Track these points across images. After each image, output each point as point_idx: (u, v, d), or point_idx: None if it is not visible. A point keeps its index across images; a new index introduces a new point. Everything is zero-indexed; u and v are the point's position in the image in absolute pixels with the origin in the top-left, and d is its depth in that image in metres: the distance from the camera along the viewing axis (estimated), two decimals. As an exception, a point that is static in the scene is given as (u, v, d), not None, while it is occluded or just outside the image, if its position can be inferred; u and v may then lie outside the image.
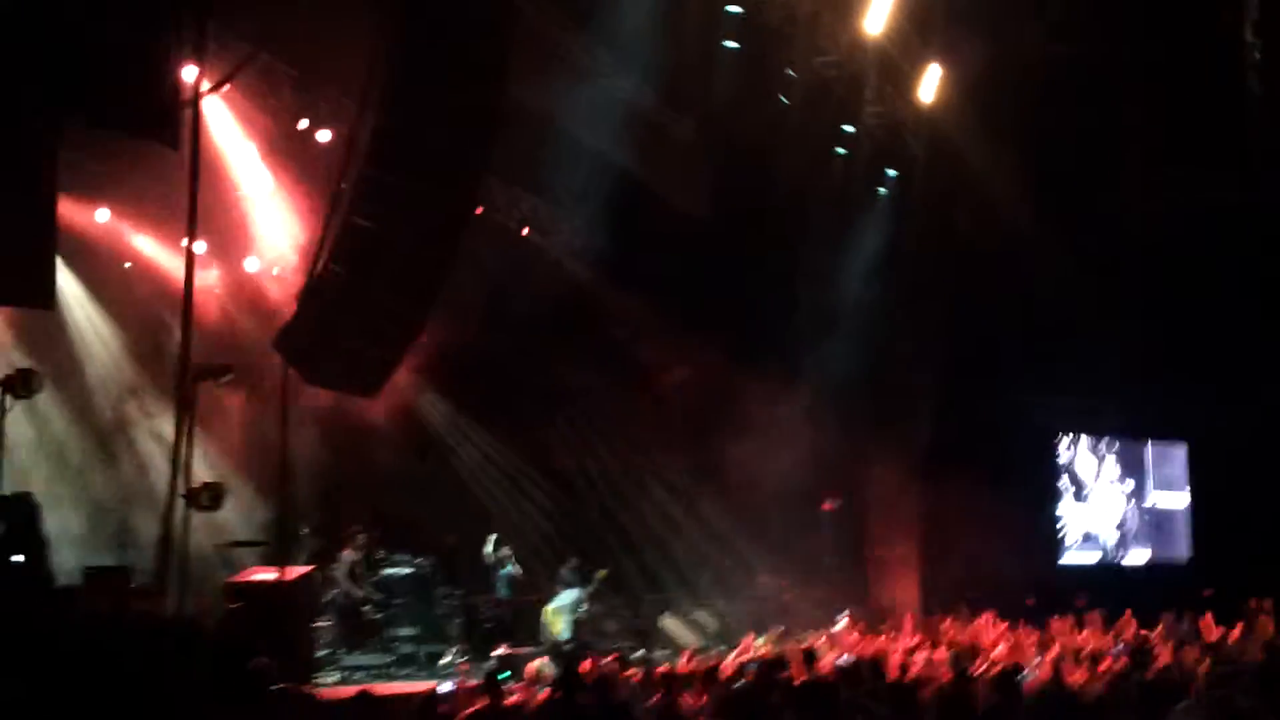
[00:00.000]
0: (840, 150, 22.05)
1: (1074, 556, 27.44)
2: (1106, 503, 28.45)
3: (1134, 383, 25.43)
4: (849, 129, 21.79)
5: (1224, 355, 24.49)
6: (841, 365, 22.67)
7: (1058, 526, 27.59)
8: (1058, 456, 27.80)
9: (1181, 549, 28.74)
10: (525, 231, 21.60)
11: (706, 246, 21.49)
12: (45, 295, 13.49)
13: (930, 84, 20.91)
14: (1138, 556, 28.34)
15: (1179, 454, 29.16)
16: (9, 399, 14.17)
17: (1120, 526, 28.47)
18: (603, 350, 21.79)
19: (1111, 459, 28.64)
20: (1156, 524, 28.89)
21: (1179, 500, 29.06)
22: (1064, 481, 27.85)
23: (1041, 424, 26.82)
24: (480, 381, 20.79)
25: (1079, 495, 28.04)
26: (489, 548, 19.55)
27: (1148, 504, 28.92)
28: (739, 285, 21.89)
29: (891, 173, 22.99)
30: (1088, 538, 27.91)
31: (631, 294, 21.74)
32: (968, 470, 23.42)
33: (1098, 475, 28.43)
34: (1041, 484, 27.36)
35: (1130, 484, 28.81)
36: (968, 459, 23.56)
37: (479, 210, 18.92)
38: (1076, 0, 20.32)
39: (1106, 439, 28.52)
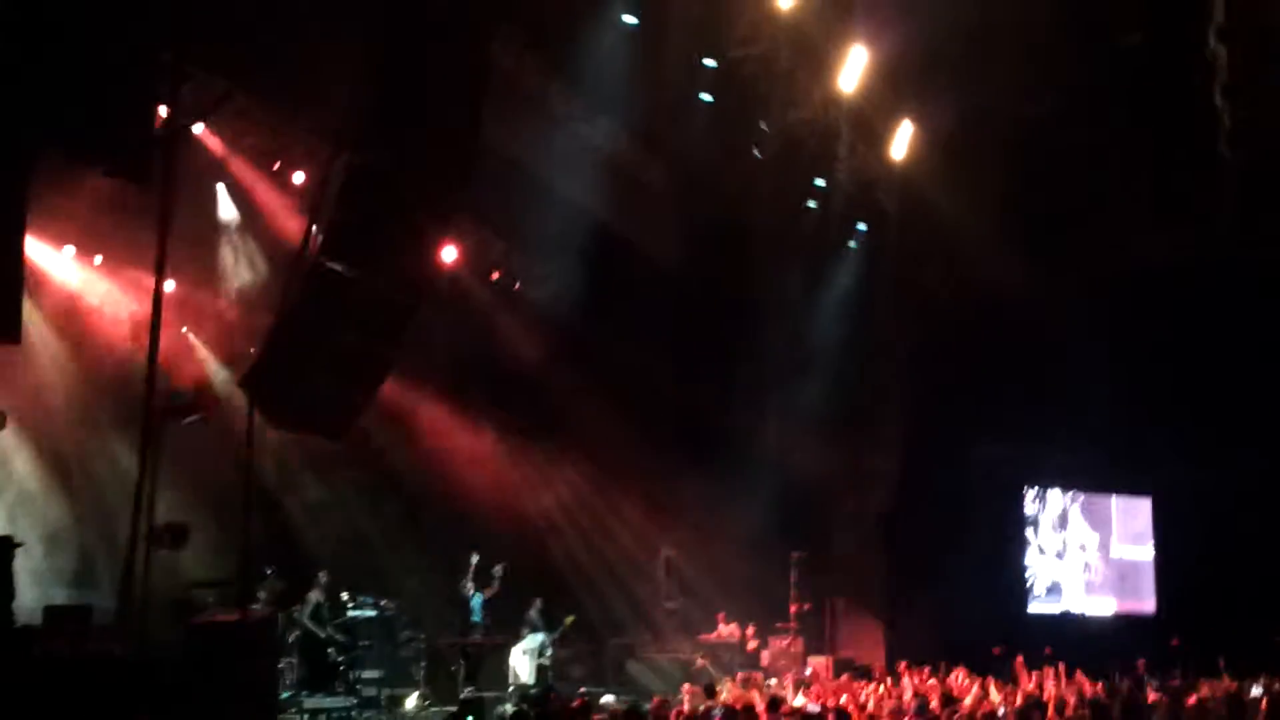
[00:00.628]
0: (811, 203, 22.23)
1: (1040, 607, 27.49)
2: (1071, 554, 28.53)
3: (1100, 436, 25.54)
4: (820, 183, 21.97)
5: (1190, 410, 24.65)
6: (810, 414, 22.77)
7: (1025, 577, 27.65)
8: (1024, 508, 27.90)
9: (1147, 601, 28.82)
10: (496, 276, 21.66)
11: (677, 293, 21.57)
12: (11, 329, 13.43)
13: (902, 140, 21.10)
14: (1104, 607, 28.39)
15: (1144, 507, 29.29)
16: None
17: (1085, 578, 28.54)
18: (569, 394, 21.78)
19: (1077, 510, 28.74)
20: (1121, 575, 28.97)
21: (1144, 553, 29.16)
22: (1030, 533, 27.93)
23: (1008, 476, 26.91)
24: (442, 426, 20.75)
25: (1044, 547, 28.12)
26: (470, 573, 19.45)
27: (1113, 556, 29.00)
28: (709, 333, 21.95)
29: (862, 226, 23.15)
30: (1053, 589, 27.97)
31: (602, 339, 21.78)
32: (934, 521, 23.54)
33: (1063, 527, 28.51)
34: (1008, 535, 27.44)
35: (1095, 536, 28.90)
36: (934, 510, 23.66)
37: (452, 255, 19.03)
38: (1047, 62, 20.47)
39: (1073, 492, 28.64)
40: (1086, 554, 28.74)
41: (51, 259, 16.85)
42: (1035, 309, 23.04)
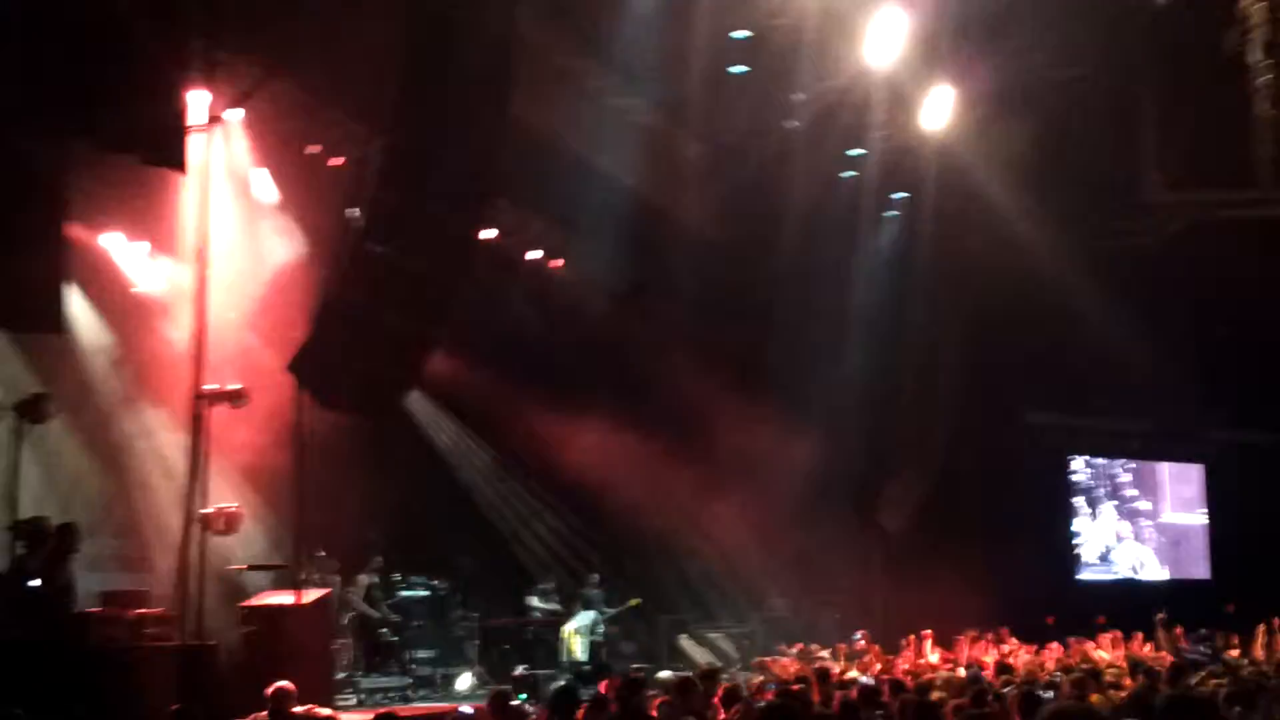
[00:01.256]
0: (849, 173, 22.12)
1: (1091, 574, 27.38)
2: (1123, 522, 28.38)
3: (1149, 403, 25.38)
4: (857, 152, 21.85)
5: (1239, 374, 24.45)
6: (856, 386, 22.69)
7: (1075, 545, 27.52)
8: (1073, 476, 27.76)
9: (1200, 568, 28.65)
10: (538, 254, 21.64)
11: (718, 268, 21.50)
12: (54, 320, 13.52)
13: (938, 107, 20.95)
14: (1156, 574, 28.25)
15: (1194, 473, 29.10)
16: (24, 424, 14.19)
17: (1137, 545, 28.38)
18: (615, 370, 21.77)
19: (1127, 478, 28.59)
20: (1174, 542, 28.81)
21: (1196, 519, 28.97)
22: (1080, 501, 27.79)
23: (1056, 444, 26.81)
24: (490, 402, 20.74)
25: (1094, 515, 27.99)
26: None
27: (1164, 523, 28.84)
28: (749, 306, 21.87)
29: (900, 195, 23.02)
30: (1104, 556, 27.85)
31: (644, 315, 21.75)
32: (984, 490, 23.43)
33: (1113, 495, 28.36)
34: (1057, 504, 27.34)
35: (1146, 504, 28.74)
36: (984, 479, 23.56)
37: (491, 233, 18.99)
38: (1082, 25, 20.29)
39: (1122, 459, 28.48)
40: (1138, 522, 28.58)
41: (94, 247, 16.88)
42: (1079, 274, 22.85)
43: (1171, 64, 21.65)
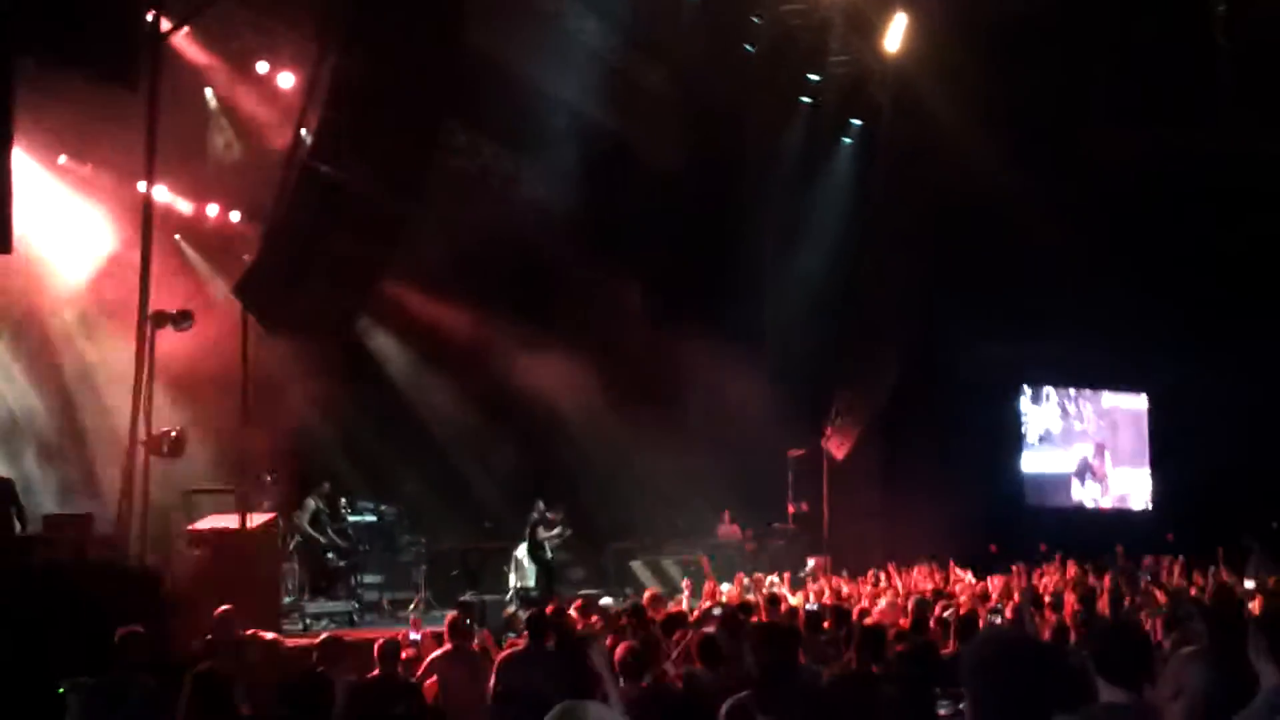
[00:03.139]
0: (806, 99, 22.02)
1: (1037, 503, 27.68)
2: (1068, 452, 28.67)
3: (1097, 334, 25.52)
4: (814, 78, 21.75)
5: (1187, 308, 24.60)
6: (806, 313, 22.72)
7: (1021, 475, 27.80)
8: (1021, 406, 27.99)
9: (1143, 497, 29.02)
10: (489, 180, 21.44)
11: (677, 197, 21.42)
12: (2, 240, 13.31)
13: (896, 33, 20.84)
14: (1100, 503, 28.60)
15: (1140, 403, 29.39)
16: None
17: (1081, 475, 28.69)
18: (567, 298, 21.70)
19: (1073, 408, 28.85)
20: (1117, 471, 29.13)
21: (1140, 450, 29.30)
22: (1026, 431, 28.05)
23: (1005, 374, 26.95)
24: (442, 328, 20.66)
25: (1040, 445, 28.27)
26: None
27: (1109, 453, 29.13)
28: (707, 231, 21.80)
29: (856, 122, 22.96)
30: (1049, 485, 28.14)
31: (598, 242, 21.67)
32: (931, 419, 23.58)
33: (1060, 425, 28.64)
34: (1004, 433, 27.56)
35: (1093, 434, 29.02)
36: (932, 408, 23.70)
37: (444, 157, 18.80)
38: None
39: (1069, 389, 28.72)
40: (1083, 451, 28.88)
41: (41, 169, 16.64)
42: (1030, 205, 22.85)
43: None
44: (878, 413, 23.74)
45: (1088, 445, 28.90)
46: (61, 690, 8.19)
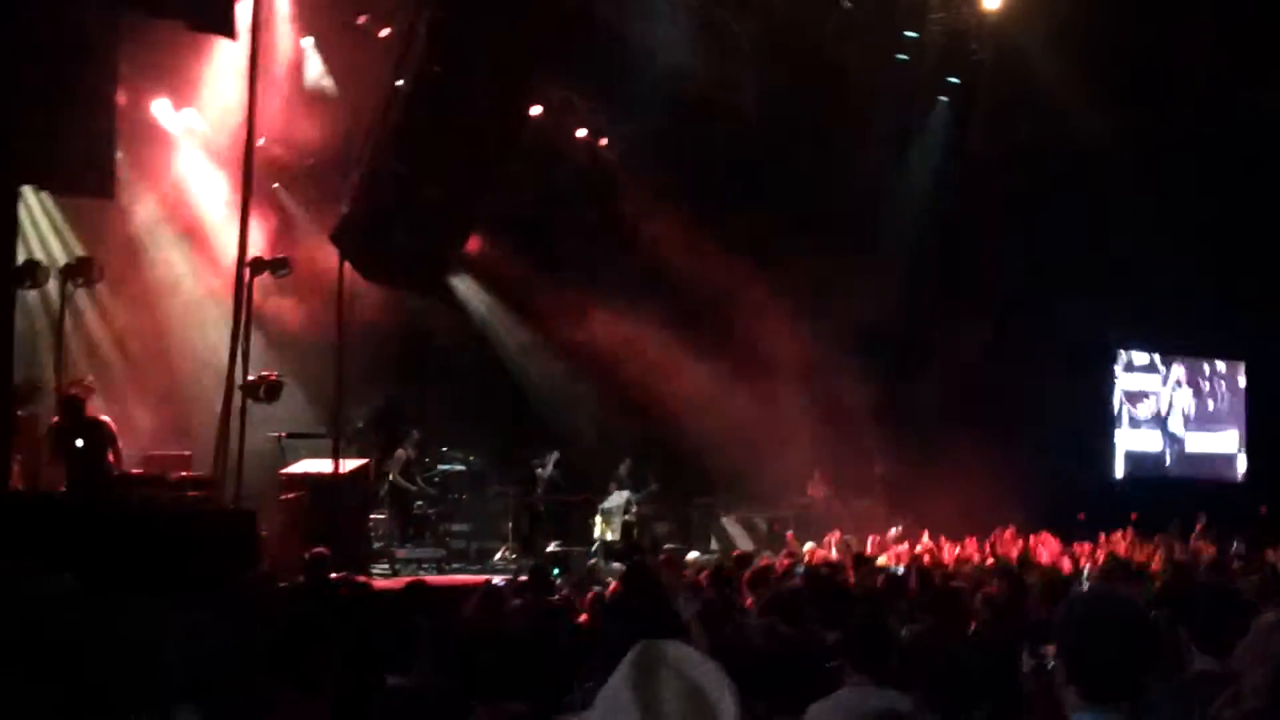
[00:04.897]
0: (902, 56, 21.78)
1: (1128, 472, 27.35)
2: (1162, 417, 28.27)
3: (1196, 299, 25.09)
4: (912, 34, 21.50)
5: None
6: (899, 272, 22.56)
7: (1113, 442, 27.47)
8: (1115, 369, 27.63)
9: (1238, 468, 28.59)
10: (580, 134, 21.46)
11: (766, 155, 21.31)
12: (105, 185, 13.57)
13: (996, -12, 20.55)
14: (1194, 472, 28.20)
15: (1238, 371, 28.91)
16: (70, 287, 14.33)
17: (1175, 443, 28.32)
18: (656, 255, 21.70)
19: (1170, 374, 28.44)
20: (1212, 441, 28.71)
21: (1236, 419, 28.84)
22: (1120, 396, 27.69)
23: (1101, 337, 26.59)
24: (530, 281, 20.76)
25: (1134, 411, 27.90)
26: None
27: (1204, 421, 28.71)
28: (797, 190, 21.66)
29: (954, 80, 22.67)
30: (1142, 454, 27.79)
31: (687, 198, 21.64)
32: (1024, 382, 23.32)
33: (1155, 391, 28.25)
34: (1098, 397, 27.22)
35: (1188, 401, 28.60)
36: (1025, 371, 23.44)
37: (534, 110, 18.84)
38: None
39: (1166, 355, 28.31)
40: (1177, 418, 28.47)
41: (143, 113, 16.90)
42: (1128, 165, 22.49)
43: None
44: (969, 374, 23.52)
45: (1181, 411, 28.48)
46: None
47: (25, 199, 14.53)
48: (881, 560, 15.34)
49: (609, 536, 19.23)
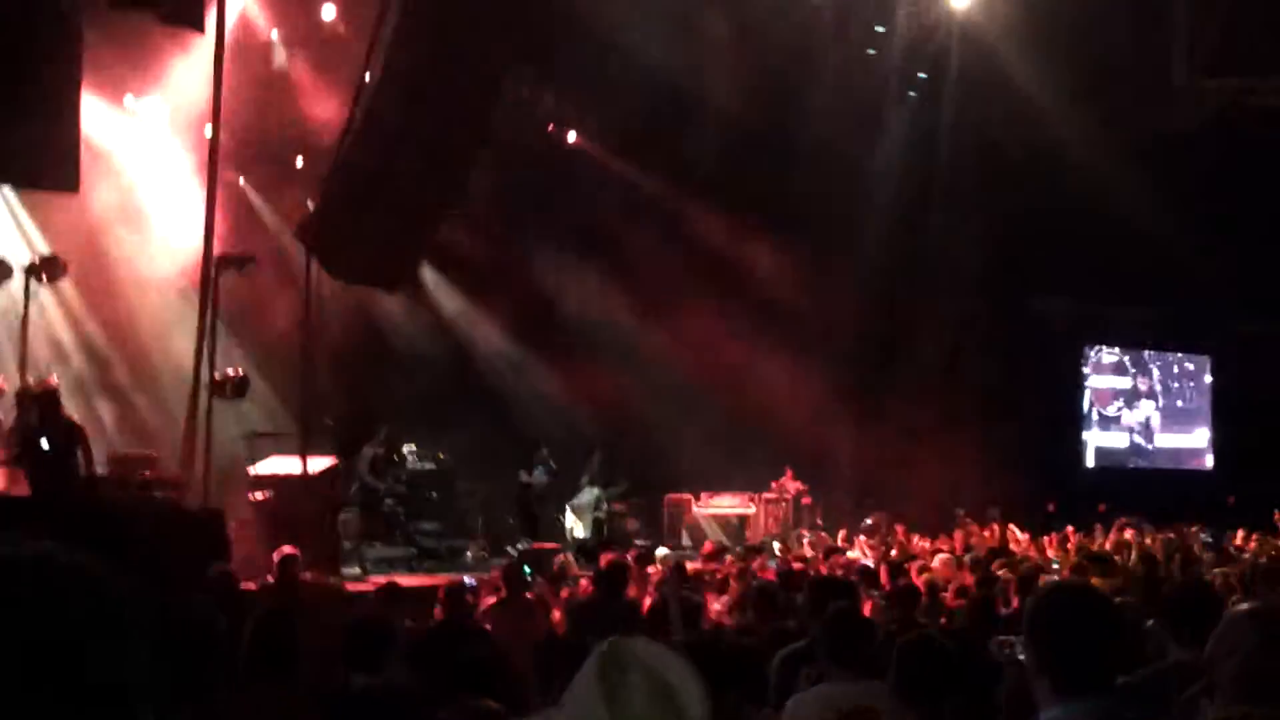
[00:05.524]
0: (871, 50, 21.82)
1: (1096, 463, 27.50)
2: (1129, 412, 28.43)
3: (1160, 294, 25.25)
4: (880, 29, 21.54)
5: (1252, 267, 24.25)
6: (868, 266, 22.62)
7: (1081, 434, 27.61)
8: (1082, 364, 27.76)
9: (1204, 459, 28.78)
10: (550, 127, 21.44)
11: (739, 143, 21.32)
12: (69, 179, 13.45)
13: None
14: (1160, 463, 28.38)
15: (1203, 365, 29.11)
16: (34, 284, 14.19)
17: (1142, 435, 28.48)
18: (626, 248, 21.69)
19: (1135, 367, 28.60)
20: (1178, 433, 28.90)
21: (1201, 411, 29.03)
22: (1087, 389, 27.83)
23: (1067, 331, 26.73)
24: (499, 274, 20.74)
25: (1101, 404, 28.04)
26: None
27: (1171, 414, 28.89)
28: (767, 183, 21.67)
29: (922, 75, 22.73)
30: (1110, 446, 27.95)
31: (660, 193, 21.65)
32: (991, 376, 23.41)
33: (1121, 385, 28.40)
34: (1067, 392, 27.37)
35: (1153, 393, 28.77)
36: (991, 365, 23.54)
37: (506, 104, 18.78)
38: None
39: (1131, 349, 28.47)
40: (1143, 411, 28.64)
41: (109, 109, 16.79)
42: (1097, 161, 22.57)
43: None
44: (939, 369, 23.60)
45: (1149, 404, 28.65)
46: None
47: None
48: (852, 554, 15.35)
49: (580, 533, 19.19)
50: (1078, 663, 3.54)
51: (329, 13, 17.46)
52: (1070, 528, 18.40)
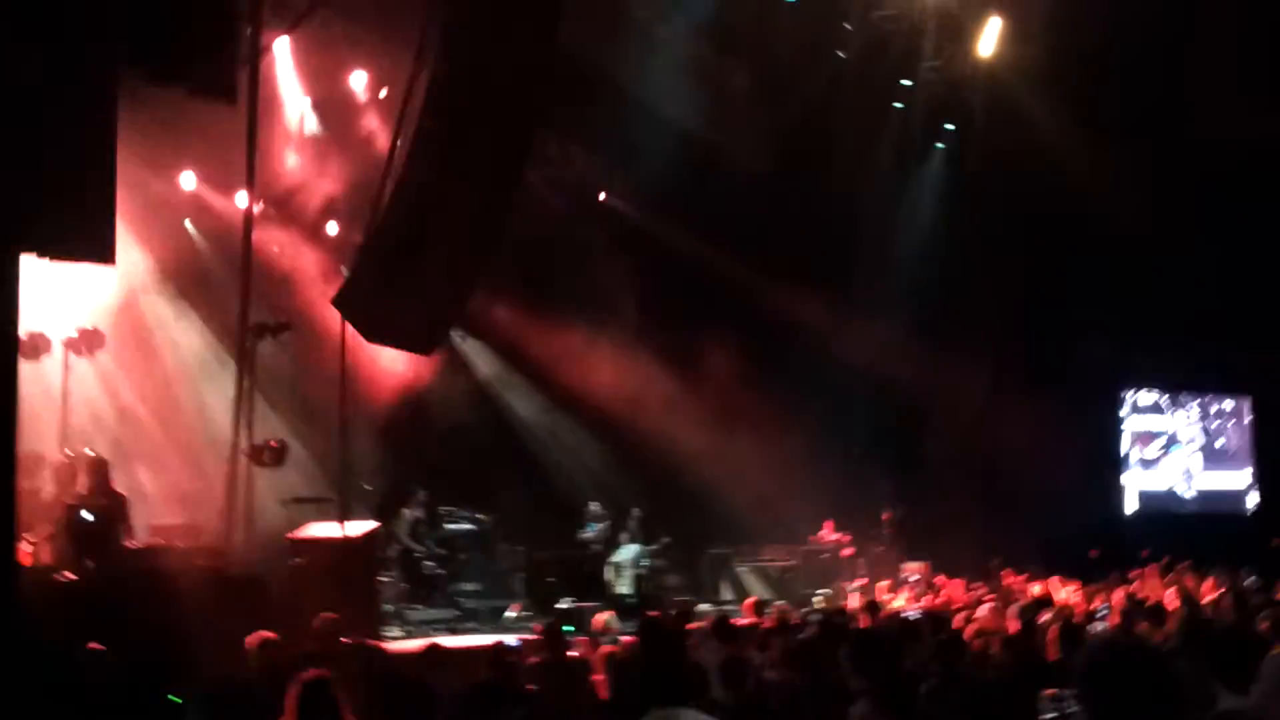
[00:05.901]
0: (898, 104, 21.91)
1: (1138, 509, 27.28)
2: (1170, 456, 28.21)
3: (1199, 336, 25.11)
4: (907, 83, 21.64)
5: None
6: (899, 318, 22.59)
7: (1121, 479, 27.40)
8: (1120, 409, 27.59)
9: (1249, 501, 28.51)
10: (582, 186, 21.59)
11: (762, 198, 21.40)
12: (106, 251, 13.55)
13: (990, 37, 20.70)
14: (1203, 507, 28.13)
15: (1244, 407, 28.89)
16: (73, 357, 14.31)
17: (1184, 479, 28.24)
18: (658, 305, 21.76)
19: (1176, 411, 28.40)
20: (1221, 476, 28.65)
21: (1245, 454, 28.79)
22: (1127, 435, 27.65)
23: (1104, 377, 26.59)
24: (531, 336, 20.81)
25: (1142, 449, 27.84)
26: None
27: (1213, 457, 28.65)
28: (795, 238, 21.70)
29: (949, 127, 22.79)
30: (1151, 490, 27.72)
31: (691, 247, 21.74)
32: (1030, 423, 23.27)
33: (1161, 428, 28.20)
34: (1106, 436, 27.19)
35: (1195, 437, 28.55)
36: (1031, 412, 23.40)
37: (536, 165, 18.91)
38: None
39: (1170, 393, 28.29)
40: (1185, 455, 28.40)
41: (143, 180, 16.97)
42: (1127, 206, 22.54)
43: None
44: (975, 417, 23.51)
45: (1190, 447, 28.43)
46: (176, 699, 8.27)
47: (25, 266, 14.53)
48: (894, 605, 15.27)
49: (621, 590, 19.13)
50: (1130, 718, 3.52)
51: (359, 80, 17.66)
52: (1114, 574, 18.26)
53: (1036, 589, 17.23)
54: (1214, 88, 21.68)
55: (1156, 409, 28.26)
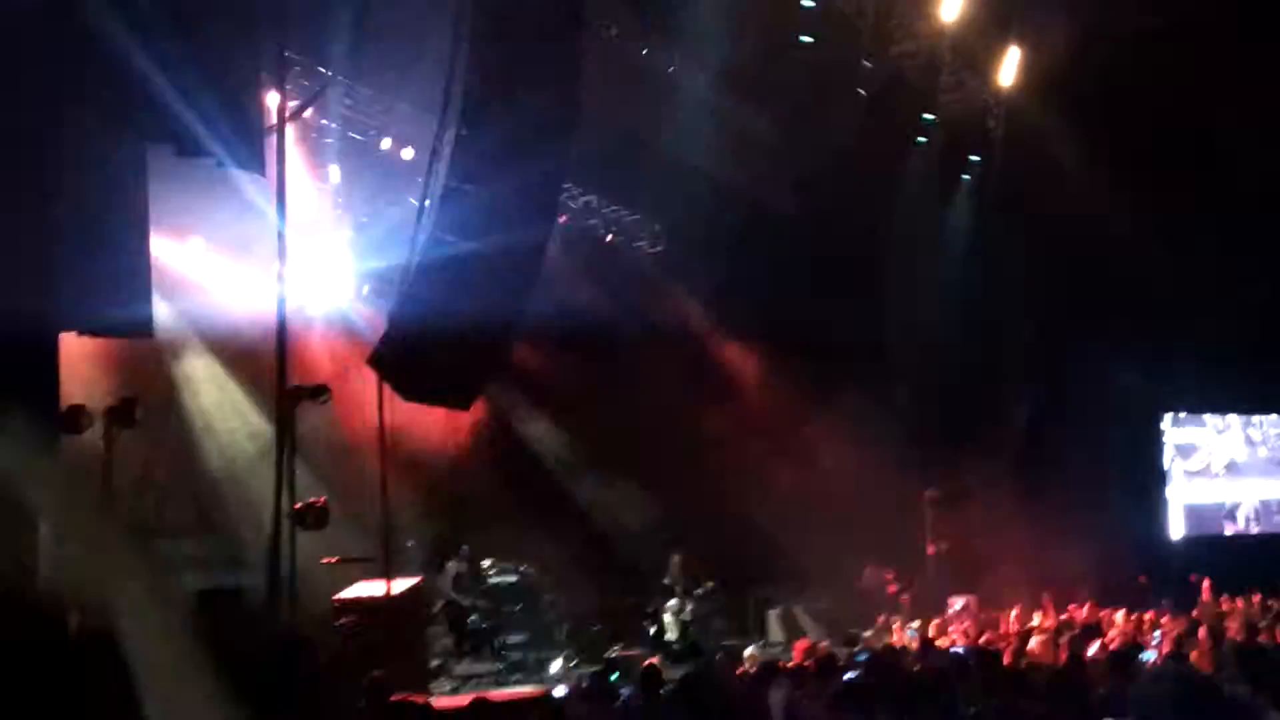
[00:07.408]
0: (921, 139, 21.95)
1: (1184, 533, 27.06)
2: (1215, 479, 28.00)
3: (1237, 357, 24.97)
4: (928, 117, 21.69)
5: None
6: (938, 353, 22.54)
7: (1166, 504, 27.20)
8: (1163, 433, 27.42)
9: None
10: (609, 239, 21.71)
11: (794, 244, 21.45)
12: (144, 324, 13.69)
13: (1009, 67, 20.76)
14: (1250, 529, 27.89)
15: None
16: (114, 429, 14.41)
17: (1229, 502, 28.02)
18: (690, 352, 21.82)
19: (1219, 434, 28.21)
20: (1266, 498, 28.41)
21: None
22: (1170, 459, 27.45)
23: (1144, 401, 26.44)
24: (568, 387, 20.89)
25: (1186, 472, 27.64)
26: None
27: (1258, 479, 28.43)
28: (830, 281, 21.71)
29: (974, 158, 22.81)
30: (1197, 514, 27.50)
31: (719, 295, 21.80)
32: (1071, 451, 23.20)
33: (1205, 452, 28.00)
34: (1149, 462, 27.01)
35: (1239, 460, 28.34)
36: (1071, 440, 23.34)
37: (561, 219, 19.06)
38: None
39: (1212, 414, 28.11)
40: (1229, 478, 28.19)
41: (177, 252, 17.18)
42: (1157, 229, 22.50)
43: (1250, 12, 21.16)
44: (1015, 447, 23.43)
45: (1234, 470, 28.20)
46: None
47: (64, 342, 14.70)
48: (943, 642, 15.19)
49: (667, 636, 19.11)
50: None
51: (387, 143, 17.86)
52: (1165, 601, 18.16)
53: (1085, 617, 17.15)
54: (1240, 112, 21.65)
55: (1201, 433, 28.06)
